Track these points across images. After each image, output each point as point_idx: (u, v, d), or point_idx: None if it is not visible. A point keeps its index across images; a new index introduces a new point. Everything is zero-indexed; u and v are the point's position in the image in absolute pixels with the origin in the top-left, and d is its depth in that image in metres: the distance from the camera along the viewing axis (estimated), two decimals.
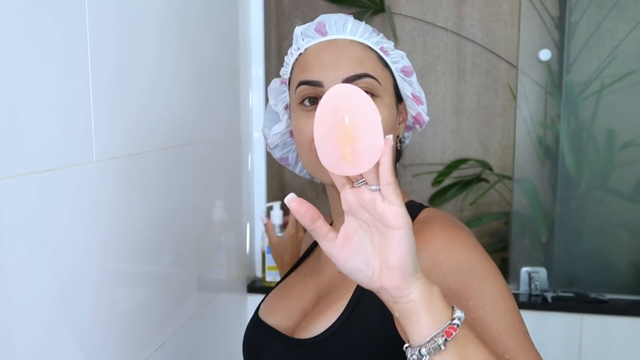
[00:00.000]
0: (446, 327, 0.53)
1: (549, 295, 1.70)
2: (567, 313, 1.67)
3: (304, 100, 0.77)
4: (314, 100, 0.76)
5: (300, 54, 0.80)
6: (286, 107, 0.86)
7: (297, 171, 0.94)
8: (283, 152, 0.91)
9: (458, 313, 0.54)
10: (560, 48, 1.81)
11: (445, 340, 0.52)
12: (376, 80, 0.76)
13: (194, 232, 1.18)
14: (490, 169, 2.11)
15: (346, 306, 0.73)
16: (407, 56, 0.82)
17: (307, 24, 0.80)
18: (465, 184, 2.08)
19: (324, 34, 0.78)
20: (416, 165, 2.18)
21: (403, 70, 0.80)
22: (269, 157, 1.80)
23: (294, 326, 0.81)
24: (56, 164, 0.72)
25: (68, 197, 0.75)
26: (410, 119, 0.86)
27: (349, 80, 0.74)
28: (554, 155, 1.83)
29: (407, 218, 0.51)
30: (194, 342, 1.03)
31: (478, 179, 2.07)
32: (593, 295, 1.70)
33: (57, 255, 0.73)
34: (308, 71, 0.77)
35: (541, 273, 1.77)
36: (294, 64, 0.81)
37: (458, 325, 0.53)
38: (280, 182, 2.29)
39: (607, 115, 1.77)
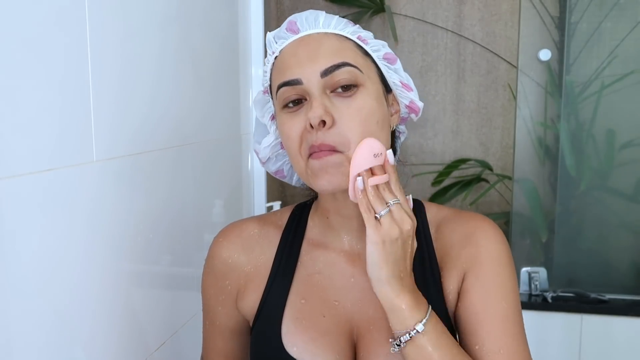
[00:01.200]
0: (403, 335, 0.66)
1: (549, 295, 1.70)
2: (567, 313, 1.68)
3: (287, 103, 0.72)
4: (298, 102, 0.72)
5: (276, 57, 0.76)
6: (273, 118, 0.82)
7: (293, 183, 0.89)
8: (277, 165, 0.86)
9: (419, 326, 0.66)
10: (560, 48, 1.81)
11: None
12: (357, 69, 0.71)
13: (194, 232, 1.18)
14: (490, 169, 2.11)
15: None
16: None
17: (278, 28, 0.76)
18: (465, 184, 2.08)
19: (296, 31, 0.74)
20: (416, 165, 2.18)
21: (386, 58, 0.76)
22: None
23: None
24: (56, 164, 0.72)
25: (68, 198, 0.75)
26: (403, 109, 0.81)
27: (328, 71, 0.70)
28: (554, 155, 1.83)
29: (376, 237, 0.65)
30: (194, 342, 1.03)
31: (478, 179, 2.07)
32: (593, 295, 1.70)
33: (57, 255, 0.73)
34: (285, 71, 0.72)
35: (541, 273, 1.78)
36: (271, 70, 0.77)
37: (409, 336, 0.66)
38: (280, 182, 2.29)
39: (607, 115, 1.77)
